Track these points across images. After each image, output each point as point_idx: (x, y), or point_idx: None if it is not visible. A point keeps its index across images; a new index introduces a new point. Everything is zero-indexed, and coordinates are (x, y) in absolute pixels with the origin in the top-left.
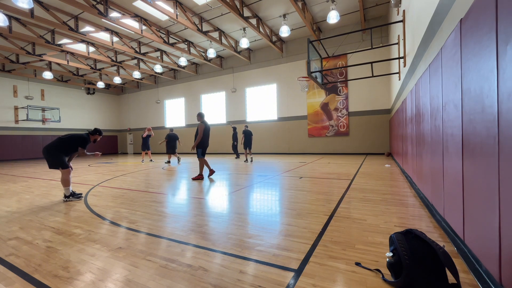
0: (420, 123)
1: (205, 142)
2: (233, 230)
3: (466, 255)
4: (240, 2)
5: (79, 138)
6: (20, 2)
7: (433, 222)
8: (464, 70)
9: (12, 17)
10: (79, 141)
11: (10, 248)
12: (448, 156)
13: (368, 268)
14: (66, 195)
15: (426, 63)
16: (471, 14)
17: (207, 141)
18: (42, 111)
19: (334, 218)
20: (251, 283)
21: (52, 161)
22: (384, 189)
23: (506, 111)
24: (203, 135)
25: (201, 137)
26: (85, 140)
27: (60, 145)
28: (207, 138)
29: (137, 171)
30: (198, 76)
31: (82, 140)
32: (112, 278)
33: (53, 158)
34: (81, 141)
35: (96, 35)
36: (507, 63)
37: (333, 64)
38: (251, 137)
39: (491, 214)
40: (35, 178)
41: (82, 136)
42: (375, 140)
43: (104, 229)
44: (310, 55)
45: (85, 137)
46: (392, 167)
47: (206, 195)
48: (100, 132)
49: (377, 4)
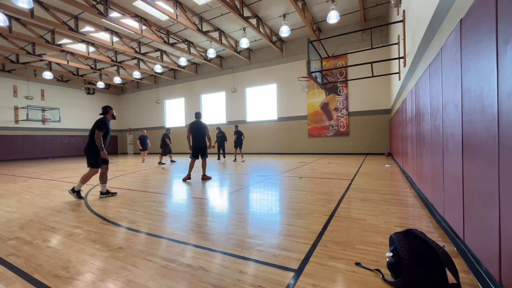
0: (420, 123)
1: (193, 143)
2: (233, 230)
3: (466, 255)
4: (240, 2)
5: (96, 122)
6: (20, 2)
7: (433, 222)
8: (464, 70)
9: (12, 17)
10: (95, 126)
11: (10, 248)
12: (448, 156)
13: (368, 268)
14: (75, 189)
15: (426, 63)
16: (471, 14)
17: (196, 141)
18: (42, 111)
19: (334, 218)
20: (251, 283)
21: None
22: (384, 189)
23: (506, 111)
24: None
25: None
26: (100, 122)
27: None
28: (195, 138)
29: (137, 171)
30: (198, 76)
31: (97, 123)
32: (112, 278)
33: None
34: (97, 124)
35: (96, 35)
36: (507, 63)
37: (333, 64)
38: (242, 137)
39: (491, 214)
40: (35, 178)
41: (98, 120)
42: (375, 140)
43: (104, 229)
44: (310, 55)
45: (101, 119)
46: (392, 167)
47: (206, 195)
48: (108, 106)
49: (377, 4)
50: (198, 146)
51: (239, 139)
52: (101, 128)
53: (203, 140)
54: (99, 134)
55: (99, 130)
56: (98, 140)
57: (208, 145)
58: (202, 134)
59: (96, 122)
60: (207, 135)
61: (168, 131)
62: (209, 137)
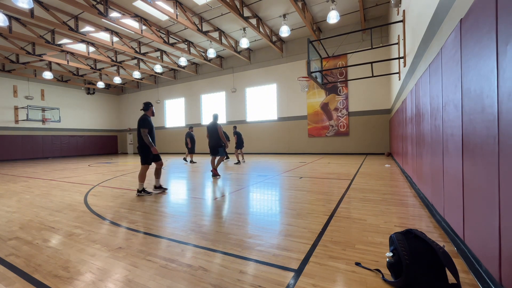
0: (420, 123)
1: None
2: (233, 230)
3: (466, 255)
4: (240, 2)
5: (139, 121)
6: (20, 2)
7: (433, 222)
8: (464, 70)
9: (12, 17)
10: (139, 124)
11: (10, 248)
12: (448, 156)
13: (368, 268)
14: (139, 189)
15: (426, 63)
16: (471, 14)
17: (210, 140)
18: (42, 111)
19: (334, 218)
20: (251, 283)
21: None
22: (384, 189)
23: (506, 111)
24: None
25: None
26: (142, 120)
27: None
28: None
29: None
30: (198, 76)
31: (140, 121)
32: (112, 278)
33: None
34: (141, 122)
35: (96, 35)
36: (507, 63)
37: (333, 64)
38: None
39: (491, 214)
40: (35, 178)
41: (140, 118)
42: (375, 140)
43: (104, 229)
44: (310, 55)
45: (142, 117)
46: (392, 167)
47: (206, 195)
48: (150, 103)
49: (377, 4)
50: (211, 145)
51: (240, 139)
52: (145, 126)
53: (216, 139)
54: (144, 131)
55: (144, 127)
56: (145, 137)
57: (223, 144)
58: (215, 134)
59: (139, 120)
60: (220, 135)
61: (191, 129)
62: (222, 137)
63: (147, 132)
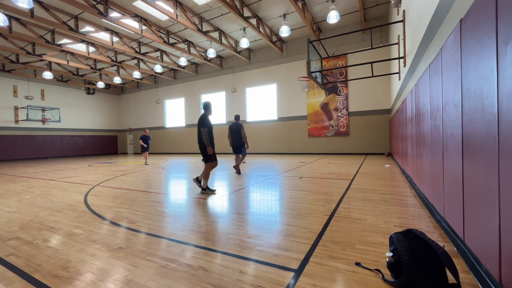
0: (420, 123)
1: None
2: (233, 230)
3: (466, 255)
4: (240, 2)
5: (199, 120)
6: (20, 2)
7: (433, 222)
8: (464, 70)
9: (12, 17)
10: (199, 124)
11: (10, 248)
12: (448, 156)
13: (368, 268)
14: (203, 187)
15: (426, 63)
16: (471, 14)
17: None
18: (42, 111)
19: (334, 218)
20: (251, 283)
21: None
22: (384, 189)
23: (506, 111)
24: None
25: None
26: (202, 119)
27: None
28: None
29: (137, 171)
30: (198, 76)
31: (200, 121)
32: (112, 278)
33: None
34: (201, 122)
35: (96, 35)
36: (507, 63)
37: (333, 64)
38: None
39: (491, 214)
40: (35, 178)
41: (200, 117)
42: (375, 140)
43: (104, 229)
44: (310, 55)
45: (202, 116)
46: (392, 167)
47: (206, 195)
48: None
49: (377, 4)
50: (234, 145)
51: None
52: (205, 125)
53: (239, 138)
54: (204, 131)
55: (204, 127)
56: (205, 137)
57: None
58: (237, 134)
59: (199, 120)
60: (243, 135)
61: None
62: (243, 137)
63: (207, 131)
